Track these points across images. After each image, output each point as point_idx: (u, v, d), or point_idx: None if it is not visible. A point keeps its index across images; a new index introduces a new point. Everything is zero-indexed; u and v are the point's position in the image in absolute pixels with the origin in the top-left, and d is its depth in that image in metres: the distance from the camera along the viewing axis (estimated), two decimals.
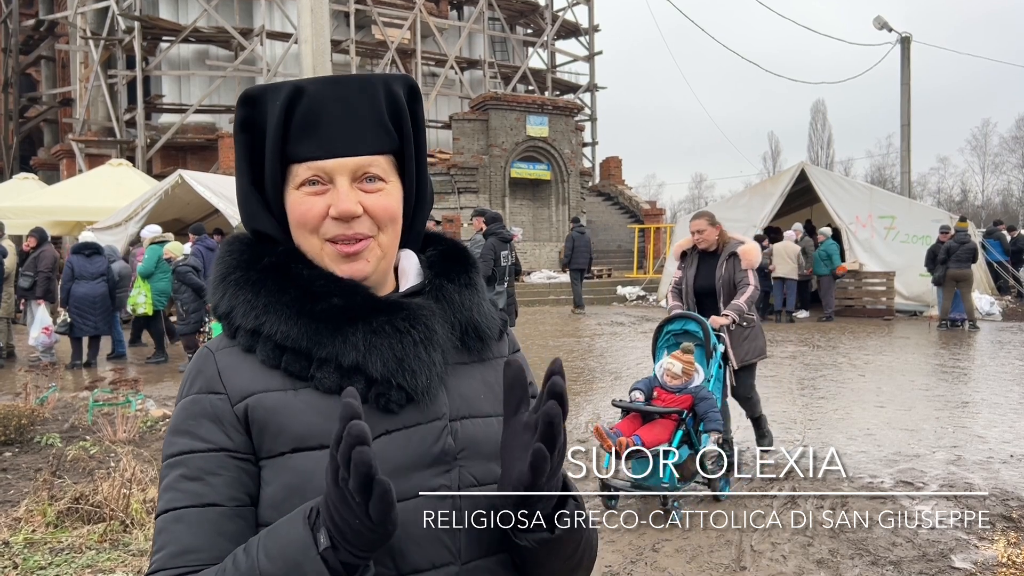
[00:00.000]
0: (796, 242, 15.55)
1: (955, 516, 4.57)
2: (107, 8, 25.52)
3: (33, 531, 4.33)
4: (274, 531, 0.95)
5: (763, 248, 15.27)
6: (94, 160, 23.68)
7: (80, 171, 22.96)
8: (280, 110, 1.08)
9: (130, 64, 25.27)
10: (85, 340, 10.60)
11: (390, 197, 1.11)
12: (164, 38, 25.57)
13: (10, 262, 10.93)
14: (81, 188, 17.62)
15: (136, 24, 24.29)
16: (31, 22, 30.53)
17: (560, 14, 33.97)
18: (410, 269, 1.20)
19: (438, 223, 19.16)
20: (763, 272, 15.05)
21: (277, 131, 1.08)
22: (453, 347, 1.14)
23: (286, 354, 1.06)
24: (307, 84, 1.09)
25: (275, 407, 1.04)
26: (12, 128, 31.59)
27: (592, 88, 34.45)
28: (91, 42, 25.68)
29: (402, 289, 1.17)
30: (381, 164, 1.10)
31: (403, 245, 1.19)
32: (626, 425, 4.76)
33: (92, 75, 25.64)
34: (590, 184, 29.17)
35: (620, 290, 20.80)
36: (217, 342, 1.12)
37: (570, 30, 34.82)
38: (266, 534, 0.95)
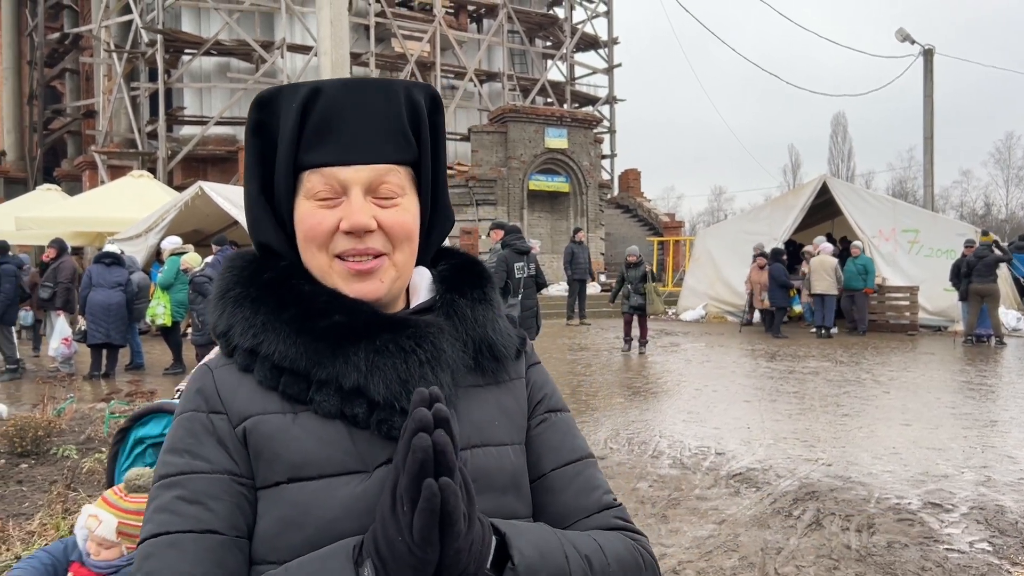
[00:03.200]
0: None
1: (986, 540, 4.43)
2: (131, 22, 25.82)
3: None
4: (306, 565, 0.88)
5: (783, 262, 15.11)
6: (116, 171, 23.88)
7: (102, 182, 23.16)
8: (296, 111, 1.01)
9: (152, 77, 25.51)
10: (104, 352, 10.61)
11: (406, 213, 1.03)
12: (186, 51, 25.82)
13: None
14: (102, 199, 17.75)
15: (159, 37, 24.53)
16: (56, 35, 30.95)
17: (579, 27, 34.05)
18: (421, 285, 1.12)
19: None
20: (786, 287, 14.86)
21: (292, 133, 1.01)
22: (465, 368, 1.06)
23: (284, 375, 0.99)
24: (325, 85, 1.02)
25: (271, 432, 0.96)
26: (36, 140, 32.00)
27: (611, 100, 34.43)
28: (114, 55, 25.96)
29: (412, 306, 1.10)
30: (398, 175, 1.03)
31: (420, 261, 1.12)
32: None
33: (115, 87, 25.92)
34: (609, 196, 29.08)
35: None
36: (216, 359, 1.06)
37: (589, 42, 34.86)
38: (296, 566, 0.88)
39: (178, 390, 4.14)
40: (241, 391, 0.99)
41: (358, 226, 0.99)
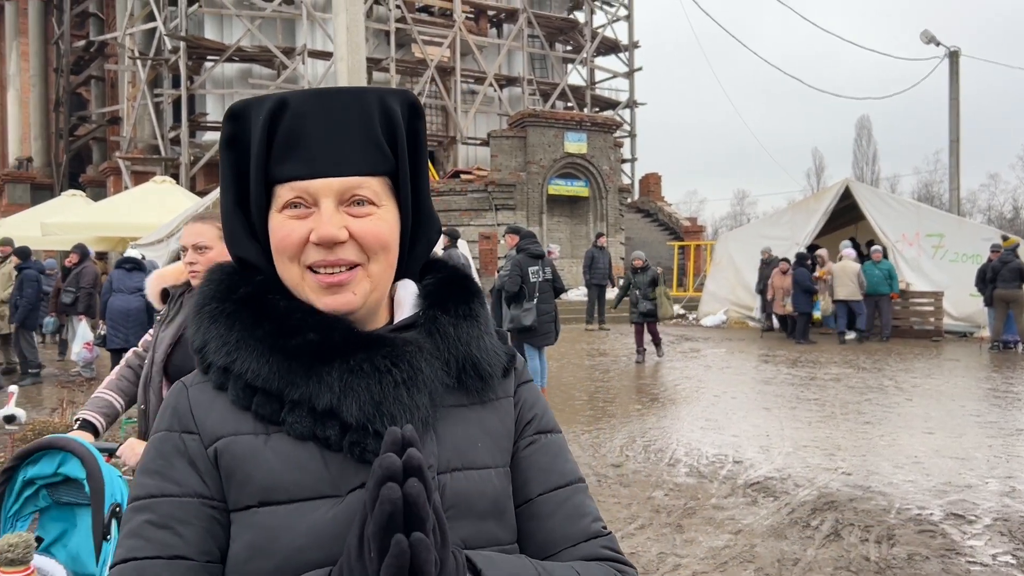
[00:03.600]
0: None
1: (1010, 553, 4.33)
2: (154, 29, 26.09)
3: None
4: None
5: (807, 267, 14.92)
6: (139, 177, 24.12)
7: (126, 188, 23.40)
8: (262, 125, 0.98)
9: (175, 83, 25.77)
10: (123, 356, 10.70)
11: (381, 222, 0.99)
12: (209, 57, 26.07)
13: (3, 273, 11.06)
14: (125, 205, 17.88)
15: (182, 44, 24.77)
16: (82, 43, 31.35)
17: (600, 31, 34.00)
18: (406, 300, 1.08)
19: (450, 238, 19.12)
20: (810, 292, 14.67)
21: (260, 148, 0.98)
22: (447, 387, 1.02)
23: (257, 395, 0.95)
24: (291, 97, 0.99)
25: (242, 454, 0.94)
26: (62, 146, 32.42)
27: (632, 104, 34.34)
28: (138, 62, 26.26)
29: (396, 322, 1.06)
30: (372, 186, 0.99)
31: (402, 274, 1.08)
32: None
33: (139, 94, 26.22)
34: (629, 200, 28.97)
35: None
36: (192, 376, 1.03)
37: (610, 47, 34.79)
38: None
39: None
40: (214, 410, 0.97)
41: (326, 237, 0.95)
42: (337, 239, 0.96)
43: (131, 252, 11.28)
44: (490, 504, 1.00)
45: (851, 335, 15.03)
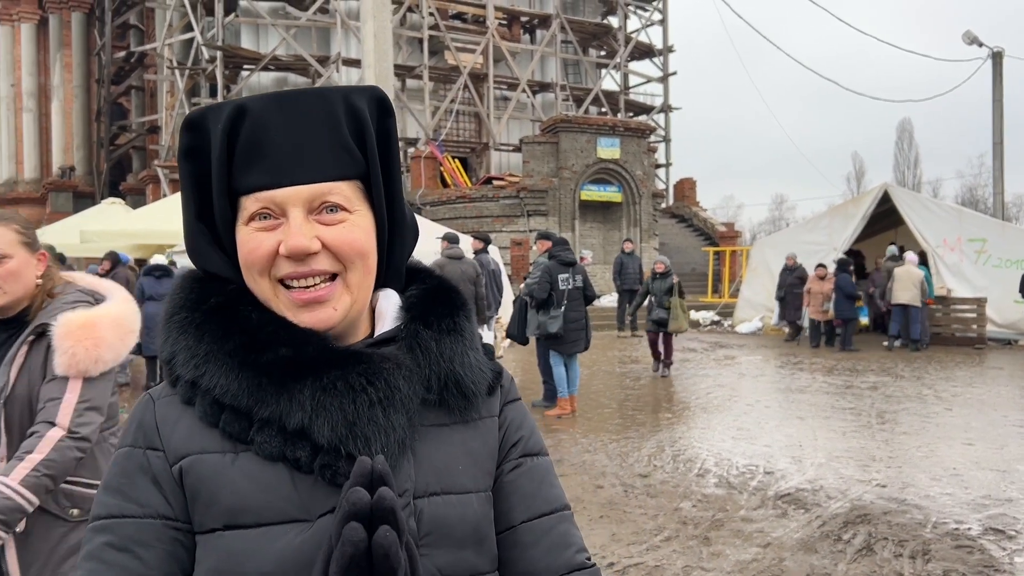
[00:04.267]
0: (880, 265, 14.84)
1: None
2: (192, 39, 26.52)
3: None
4: None
5: (849, 272, 14.60)
6: (177, 185, 24.17)
7: (164, 195, 23.78)
8: (221, 134, 0.93)
9: (212, 92, 26.16)
10: (158, 362, 10.84)
11: (356, 229, 0.94)
12: (245, 67, 26.43)
13: None
14: (162, 213, 18.13)
15: (219, 54, 25.14)
16: (122, 54, 31.97)
17: (634, 35, 33.83)
18: (388, 311, 1.03)
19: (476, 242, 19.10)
20: (853, 298, 14.34)
21: (221, 158, 0.93)
22: (428, 404, 0.97)
23: (225, 412, 0.91)
24: (250, 103, 0.94)
25: (208, 474, 0.89)
26: (103, 155, 33.09)
27: (666, 109, 34.10)
28: (177, 72, 26.71)
29: (375, 336, 1.01)
30: (343, 191, 0.94)
31: (384, 283, 1.03)
32: None
33: (177, 103, 26.65)
34: (663, 206, 28.75)
35: (694, 315, 20.26)
36: (160, 389, 0.98)
37: (644, 51, 34.60)
38: None
39: None
40: (181, 426, 0.93)
41: (297, 249, 0.90)
42: (308, 250, 0.91)
43: (158, 259, 11.41)
44: (470, 531, 0.95)
45: (897, 343, 14.65)
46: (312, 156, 0.92)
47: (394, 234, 1.02)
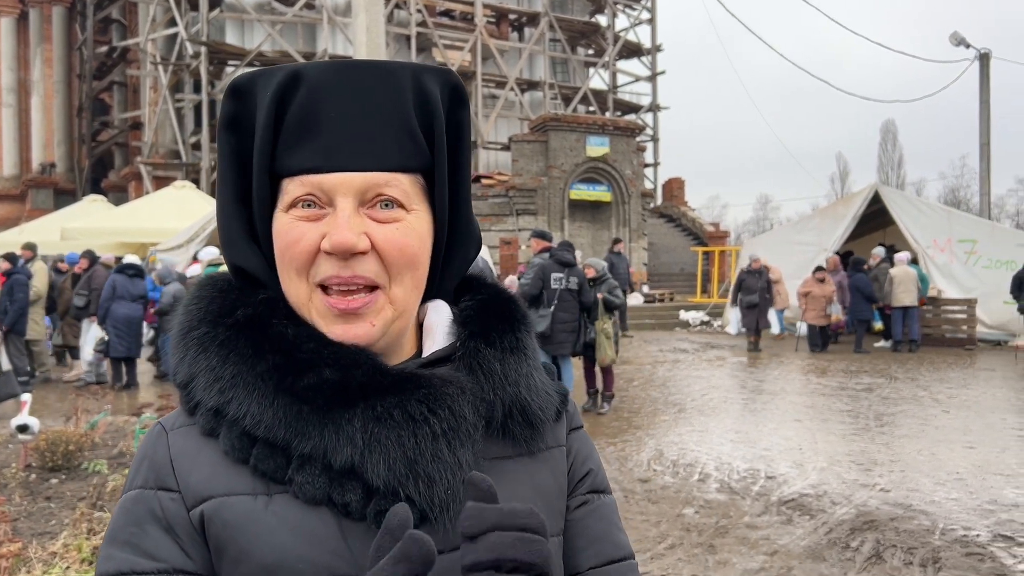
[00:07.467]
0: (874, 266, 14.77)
1: None
2: (176, 34, 26.19)
3: (67, 568, 4.14)
4: None
5: (864, 272, 14.47)
6: (161, 182, 24.19)
7: (147, 193, 23.49)
8: (269, 104, 0.78)
9: (196, 88, 25.85)
10: (124, 364, 10.60)
11: (410, 233, 0.79)
12: (229, 62, 26.11)
13: (41, 283, 10.97)
14: (145, 210, 17.95)
15: (203, 49, 24.83)
16: (104, 49, 31.59)
17: (622, 34, 33.80)
18: (438, 326, 0.88)
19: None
20: (873, 300, 14.26)
21: (266, 132, 0.78)
22: (491, 436, 0.82)
23: (257, 446, 0.76)
24: (307, 70, 0.79)
25: (237, 521, 0.74)
26: (85, 151, 32.64)
27: (654, 108, 34.09)
28: (160, 67, 26.37)
29: (425, 354, 0.86)
30: (402, 185, 0.79)
31: (432, 294, 0.88)
32: None
33: (160, 99, 26.31)
34: (652, 205, 28.70)
35: (683, 315, 20.23)
36: (174, 418, 0.83)
37: (632, 50, 34.58)
38: None
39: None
40: (201, 462, 0.77)
41: (342, 245, 0.75)
42: (355, 248, 0.76)
43: (131, 258, 11.19)
44: None
45: (888, 343, 14.62)
46: (371, 139, 0.78)
47: (455, 242, 0.88)
